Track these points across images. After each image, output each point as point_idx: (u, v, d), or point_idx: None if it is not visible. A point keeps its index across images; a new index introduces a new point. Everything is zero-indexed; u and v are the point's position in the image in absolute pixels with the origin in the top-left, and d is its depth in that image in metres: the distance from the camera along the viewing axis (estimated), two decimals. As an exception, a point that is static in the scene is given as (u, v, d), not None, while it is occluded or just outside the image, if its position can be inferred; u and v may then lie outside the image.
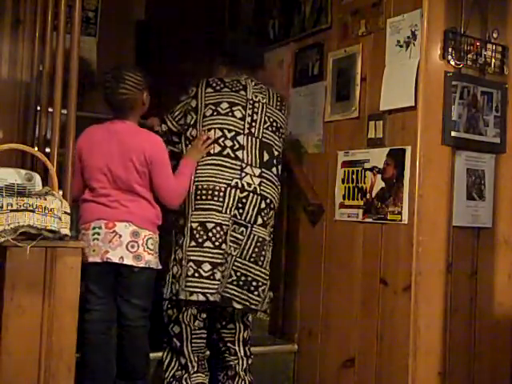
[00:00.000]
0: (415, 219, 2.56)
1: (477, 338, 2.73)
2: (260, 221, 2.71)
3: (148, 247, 2.54)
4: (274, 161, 2.80)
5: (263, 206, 2.71)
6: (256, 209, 2.69)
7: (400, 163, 2.64)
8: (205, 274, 2.60)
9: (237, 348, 2.81)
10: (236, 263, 2.70)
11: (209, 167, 2.69)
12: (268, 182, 2.74)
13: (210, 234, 2.62)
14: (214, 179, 2.66)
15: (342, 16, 3.02)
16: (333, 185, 2.99)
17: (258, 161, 2.74)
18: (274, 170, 2.78)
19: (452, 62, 2.63)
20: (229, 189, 2.66)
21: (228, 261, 2.67)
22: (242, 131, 2.74)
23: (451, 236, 2.65)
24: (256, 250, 2.71)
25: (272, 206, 2.76)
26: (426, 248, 2.57)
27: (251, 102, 2.79)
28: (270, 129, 2.80)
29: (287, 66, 3.37)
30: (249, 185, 2.69)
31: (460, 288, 2.68)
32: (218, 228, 2.63)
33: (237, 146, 2.72)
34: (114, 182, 2.56)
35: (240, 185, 2.67)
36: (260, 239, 2.72)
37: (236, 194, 2.66)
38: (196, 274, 2.59)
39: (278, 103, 2.88)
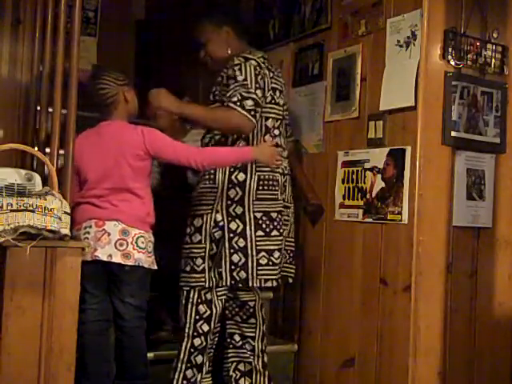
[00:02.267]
0: (415, 219, 2.56)
1: (477, 338, 2.73)
2: (292, 199, 2.87)
3: (138, 245, 2.52)
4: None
5: (291, 183, 2.87)
6: (290, 188, 2.85)
7: (400, 163, 2.64)
8: (276, 261, 2.68)
9: (256, 344, 2.82)
10: (286, 243, 2.80)
11: None
12: (287, 161, 2.87)
13: (275, 223, 2.69)
14: (272, 169, 2.72)
15: (342, 16, 3.02)
16: (333, 185, 2.99)
17: (285, 143, 2.89)
18: None
19: (452, 62, 2.63)
20: (280, 177, 2.75)
21: (283, 242, 2.76)
22: (281, 118, 2.84)
23: (451, 236, 2.65)
24: (293, 225, 2.88)
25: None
26: (426, 248, 2.57)
27: (284, 85, 2.90)
28: (287, 109, 2.93)
29: (287, 66, 3.37)
30: (285, 168, 2.82)
31: (460, 288, 2.68)
32: (280, 216, 2.72)
33: (279, 133, 2.82)
34: (106, 183, 2.55)
35: (283, 170, 2.79)
36: (294, 215, 2.89)
37: (281, 179, 2.77)
38: (270, 263, 2.66)
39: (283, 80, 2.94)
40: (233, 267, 2.63)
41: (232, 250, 2.63)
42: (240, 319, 2.82)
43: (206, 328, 2.68)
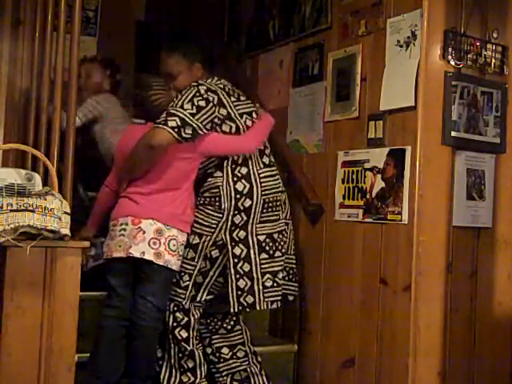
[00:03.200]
0: (415, 219, 2.56)
1: (477, 338, 2.73)
2: (289, 214, 2.85)
3: (170, 247, 2.57)
4: None
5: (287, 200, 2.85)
6: (288, 204, 2.84)
7: (400, 163, 2.64)
8: (280, 282, 2.70)
9: (247, 348, 2.83)
10: (286, 260, 2.79)
11: (270, 179, 2.74)
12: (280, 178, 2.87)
13: (277, 244, 2.71)
14: (275, 190, 2.73)
15: (342, 16, 3.02)
16: (333, 185, 2.99)
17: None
18: None
19: (452, 62, 2.63)
20: (282, 196, 2.77)
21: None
22: None
23: (451, 236, 2.65)
24: (292, 241, 2.85)
25: None
26: (426, 248, 2.57)
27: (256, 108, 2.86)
28: None
29: (287, 66, 3.37)
30: (281, 185, 2.81)
31: (460, 288, 2.68)
32: (281, 236, 2.74)
33: (268, 152, 2.81)
34: (153, 183, 2.62)
35: (282, 188, 2.80)
36: (293, 231, 2.86)
37: (283, 197, 2.79)
38: (275, 284, 2.68)
39: None
40: (239, 293, 2.63)
41: (238, 276, 2.63)
42: (225, 330, 2.82)
43: (184, 335, 2.68)
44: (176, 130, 2.53)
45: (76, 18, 2.40)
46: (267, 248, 2.67)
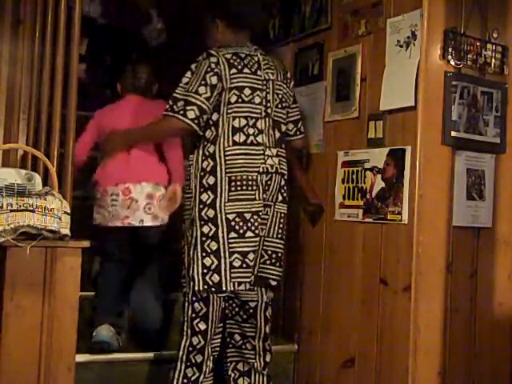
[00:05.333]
0: (415, 219, 2.56)
1: (477, 337, 2.73)
2: (280, 198, 2.77)
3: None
4: (283, 136, 2.85)
5: (283, 183, 2.77)
6: (278, 187, 2.75)
7: (400, 163, 2.64)
8: (251, 263, 2.64)
9: (257, 343, 2.80)
10: (266, 243, 2.74)
11: (238, 157, 2.66)
12: (283, 159, 2.80)
13: (249, 224, 2.64)
14: (245, 169, 2.65)
15: (342, 16, 3.02)
16: (333, 185, 2.99)
17: (273, 140, 2.77)
18: (283, 145, 2.83)
19: (452, 62, 2.63)
20: (259, 176, 2.67)
21: (259, 243, 2.71)
22: (260, 116, 2.72)
23: (451, 236, 2.65)
24: (280, 225, 2.78)
25: (288, 180, 2.82)
26: (426, 248, 2.57)
27: (265, 82, 2.76)
28: (279, 106, 2.81)
29: (287, 66, 3.36)
30: (271, 166, 2.72)
31: (460, 288, 2.68)
32: (256, 216, 2.66)
33: (257, 131, 2.71)
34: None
35: (265, 169, 2.70)
36: (282, 215, 2.79)
37: (263, 178, 2.69)
38: (244, 265, 2.61)
39: (284, 77, 2.86)
40: (205, 271, 2.60)
41: (204, 254, 2.60)
42: (240, 319, 2.81)
43: (202, 326, 2.66)
44: (196, 121, 2.60)
45: (76, 17, 2.41)
46: (237, 227, 2.62)
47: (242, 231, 2.62)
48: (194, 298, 2.67)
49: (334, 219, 2.97)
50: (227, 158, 2.64)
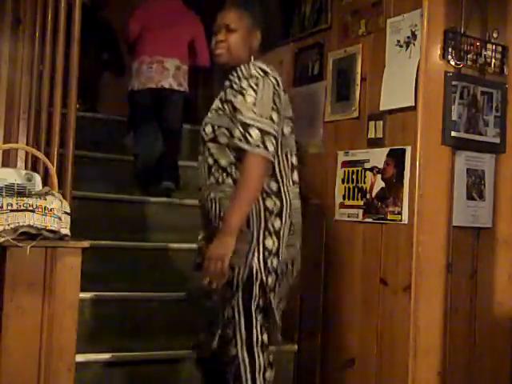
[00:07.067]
0: (415, 219, 2.56)
1: (477, 337, 2.73)
2: None
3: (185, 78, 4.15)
4: None
5: None
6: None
7: (400, 163, 2.64)
8: None
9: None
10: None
11: (296, 200, 2.34)
12: None
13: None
14: (299, 213, 2.35)
15: (342, 16, 3.02)
16: (333, 185, 2.99)
17: None
18: None
19: (452, 62, 2.63)
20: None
21: None
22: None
23: (451, 236, 2.65)
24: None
25: None
26: (426, 248, 2.57)
27: None
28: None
29: (287, 66, 3.37)
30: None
31: (460, 288, 2.68)
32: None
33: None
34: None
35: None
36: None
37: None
38: None
39: None
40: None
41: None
42: None
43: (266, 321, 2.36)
44: (273, 153, 2.21)
45: (76, 17, 2.41)
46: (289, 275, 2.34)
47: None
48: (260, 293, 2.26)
49: (334, 219, 2.97)
50: (292, 199, 2.31)
